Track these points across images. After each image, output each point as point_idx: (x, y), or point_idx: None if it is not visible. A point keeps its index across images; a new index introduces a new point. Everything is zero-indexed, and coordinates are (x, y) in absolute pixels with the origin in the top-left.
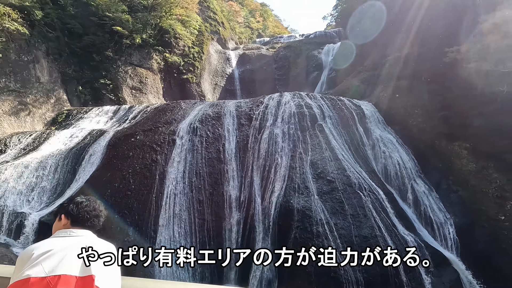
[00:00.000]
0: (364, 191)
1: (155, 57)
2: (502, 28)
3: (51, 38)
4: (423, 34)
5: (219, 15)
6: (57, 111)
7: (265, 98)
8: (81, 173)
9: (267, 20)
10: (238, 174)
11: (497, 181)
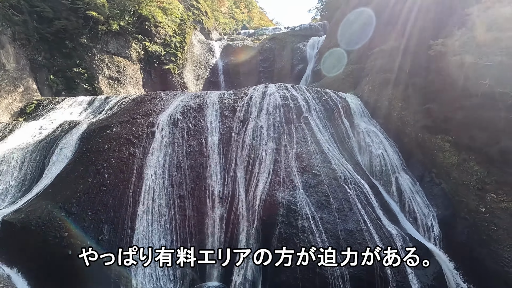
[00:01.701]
0: (349, 185)
1: (134, 45)
2: (485, 21)
3: (17, 22)
4: (409, 27)
5: (203, 4)
6: (26, 101)
7: (249, 90)
8: (51, 168)
9: (252, 12)
10: (221, 168)
11: (478, 173)
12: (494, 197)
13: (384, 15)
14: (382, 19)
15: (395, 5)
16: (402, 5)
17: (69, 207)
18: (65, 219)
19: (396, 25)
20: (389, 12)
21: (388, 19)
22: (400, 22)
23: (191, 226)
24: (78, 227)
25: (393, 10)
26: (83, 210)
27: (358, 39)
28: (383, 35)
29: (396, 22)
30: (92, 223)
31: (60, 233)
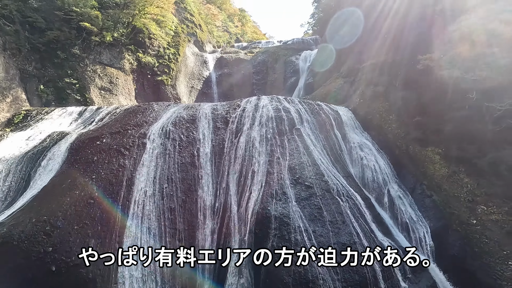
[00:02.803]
0: (342, 197)
1: (127, 57)
2: (470, 37)
3: (8, 32)
4: (398, 42)
5: (197, 17)
6: (14, 111)
7: (242, 101)
8: (37, 180)
9: (245, 26)
10: (213, 180)
11: (468, 185)
12: (484, 209)
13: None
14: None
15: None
16: (391, 21)
17: (55, 220)
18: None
19: (385, 40)
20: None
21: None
22: (389, 38)
23: (181, 240)
24: (62, 242)
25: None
26: (69, 224)
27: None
28: (373, 50)
29: (385, 37)
30: (78, 237)
31: (44, 248)
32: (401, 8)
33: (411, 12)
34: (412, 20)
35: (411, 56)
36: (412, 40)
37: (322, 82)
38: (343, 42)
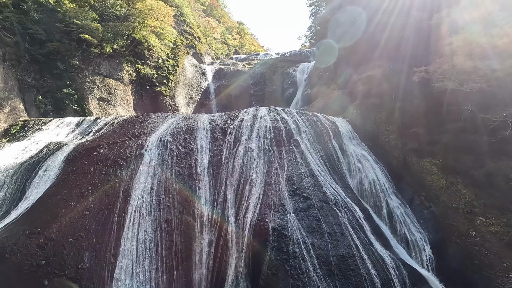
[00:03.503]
0: (340, 208)
1: (126, 68)
2: (465, 51)
3: (9, 43)
4: (394, 54)
5: (196, 30)
6: (11, 122)
7: (240, 112)
8: (32, 191)
9: (244, 38)
10: (210, 191)
11: (466, 196)
12: (483, 221)
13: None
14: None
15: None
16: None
17: (49, 232)
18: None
19: (382, 52)
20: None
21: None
22: (386, 50)
23: (178, 252)
24: (56, 255)
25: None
26: (63, 236)
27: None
28: (370, 62)
29: (382, 50)
30: (72, 250)
31: (36, 261)
32: (398, 22)
33: (407, 26)
34: (408, 34)
35: (407, 68)
36: (408, 53)
37: (320, 94)
38: (340, 55)
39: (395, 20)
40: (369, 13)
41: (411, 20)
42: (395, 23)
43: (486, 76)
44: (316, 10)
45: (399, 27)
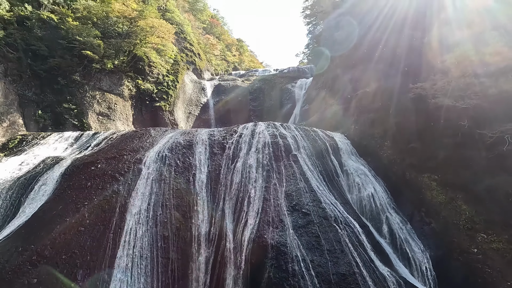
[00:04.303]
0: (340, 224)
1: (126, 83)
2: (459, 68)
3: (11, 59)
4: (388, 71)
5: (196, 46)
6: (10, 136)
7: (239, 127)
8: (27, 206)
9: (243, 55)
10: (208, 207)
11: (466, 212)
12: (484, 237)
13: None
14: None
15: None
16: (382, 51)
17: (42, 249)
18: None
19: (377, 69)
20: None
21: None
22: (381, 67)
23: (174, 270)
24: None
25: (374, 54)
26: (57, 253)
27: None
28: (366, 78)
29: (377, 66)
30: (66, 267)
31: (28, 280)
32: (390, 40)
33: (399, 44)
34: (401, 52)
35: (402, 85)
36: (402, 69)
37: (318, 109)
38: (337, 71)
39: (388, 37)
40: (363, 31)
41: (404, 39)
42: (388, 41)
43: (481, 93)
44: (314, 28)
45: (392, 46)
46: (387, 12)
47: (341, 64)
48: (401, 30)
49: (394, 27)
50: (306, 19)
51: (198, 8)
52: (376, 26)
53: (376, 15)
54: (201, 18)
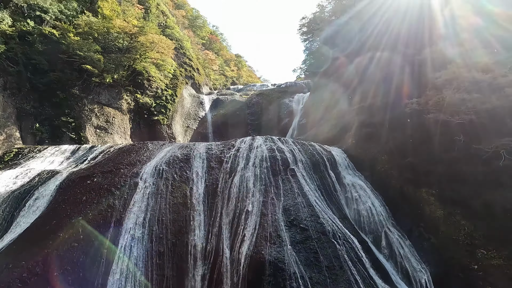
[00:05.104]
0: (338, 240)
1: (125, 97)
2: (452, 84)
3: (11, 72)
4: (383, 87)
5: (195, 61)
6: (6, 149)
7: (237, 141)
8: (20, 221)
9: (241, 70)
10: (205, 222)
11: (465, 228)
12: (484, 253)
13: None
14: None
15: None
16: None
17: (33, 266)
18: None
19: (372, 84)
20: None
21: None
22: (375, 82)
23: None
24: None
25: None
26: (48, 269)
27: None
28: (362, 93)
29: (372, 82)
30: (57, 285)
31: None
32: (383, 57)
33: (392, 61)
34: (394, 68)
35: (397, 100)
36: (396, 85)
37: (315, 123)
38: (333, 88)
39: (381, 55)
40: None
41: (396, 58)
42: (380, 58)
43: (476, 108)
44: (310, 45)
45: (385, 63)
46: (380, 29)
47: (337, 80)
48: (395, 47)
49: (387, 44)
50: (303, 36)
51: (197, 24)
52: (369, 43)
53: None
54: (200, 34)
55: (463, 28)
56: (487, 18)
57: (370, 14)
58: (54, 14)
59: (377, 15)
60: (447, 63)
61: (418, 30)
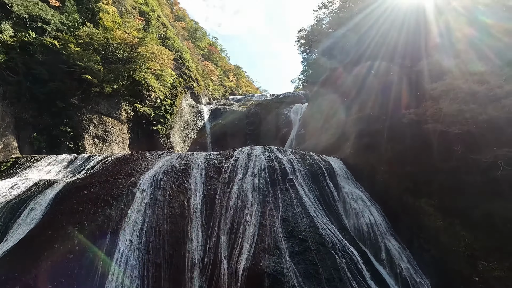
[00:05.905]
0: (338, 251)
1: (124, 107)
2: (449, 95)
3: (11, 82)
4: (380, 97)
5: (194, 72)
6: (2, 159)
7: (235, 151)
8: (15, 232)
9: (240, 80)
10: (203, 232)
11: (465, 239)
12: (485, 265)
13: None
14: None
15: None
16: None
17: (27, 279)
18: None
19: (369, 95)
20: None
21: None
22: (373, 93)
23: None
24: None
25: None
26: (41, 282)
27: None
28: (359, 104)
29: (369, 93)
30: None
31: None
32: (380, 68)
33: (390, 72)
34: (392, 79)
35: (395, 110)
36: (394, 95)
37: (314, 133)
38: (331, 98)
39: (378, 66)
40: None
41: (393, 69)
42: (378, 69)
43: (473, 119)
44: (308, 56)
45: (382, 74)
46: (377, 41)
47: (335, 90)
48: (392, 58)
49: (385, 55)
50: (301, 47)
51: (197, 36)
52: (367, 55)
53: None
54: (200, 45)
55: (458, 39)
56: (481, 29)
57: (367, 27)
58: (55, 25)
59: (374, 28)
60: (443, 73)
61: (414, 42)
